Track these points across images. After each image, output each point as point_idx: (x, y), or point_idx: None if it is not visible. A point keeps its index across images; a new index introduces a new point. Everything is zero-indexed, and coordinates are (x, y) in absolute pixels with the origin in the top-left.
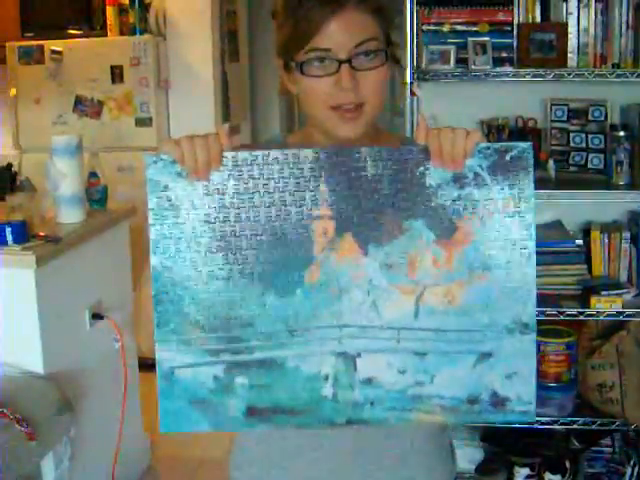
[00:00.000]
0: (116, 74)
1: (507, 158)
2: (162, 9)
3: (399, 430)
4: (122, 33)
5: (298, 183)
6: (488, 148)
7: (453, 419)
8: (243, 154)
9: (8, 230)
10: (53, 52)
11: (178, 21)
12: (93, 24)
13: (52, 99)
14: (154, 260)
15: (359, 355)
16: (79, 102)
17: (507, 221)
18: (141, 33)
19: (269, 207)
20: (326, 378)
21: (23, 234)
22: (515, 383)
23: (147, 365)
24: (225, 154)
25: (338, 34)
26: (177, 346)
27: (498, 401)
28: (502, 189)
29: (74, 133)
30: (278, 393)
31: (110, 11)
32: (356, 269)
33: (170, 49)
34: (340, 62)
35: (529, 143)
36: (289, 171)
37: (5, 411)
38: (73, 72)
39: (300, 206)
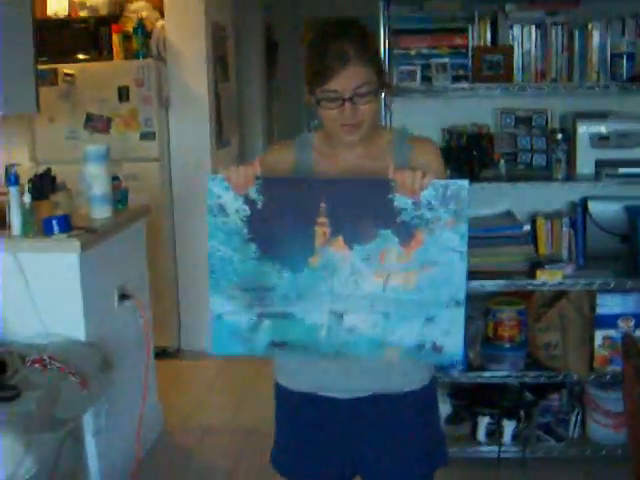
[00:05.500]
0: (123, 94)
1: (449, 192)
2: (162, 36)
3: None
4: (127, 57)
5: (307, 201)
6: (436, 184)
7: (406, 357)
8: (271, 179)
9: (54, 222)
10: (66, 75)
11: (176, 46)
12: (101, 49)
13: (65, 117)
14: (210, 243)
15: (345, 313)
16: (90, 119)
17: (448, 233)
18: (144, 57)
19: (287, 214)
20: (322, 326)
21: (67, 225)
22: (450, 338)
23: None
24: (258, 177)
25: (343, 80)
26: (224, 300)
27: (437, 348)
28: (445, 212)
29: (84, 147)
30: (290, 333)
31: (116, 38)
32: (344, 259)
33: (170, 71)
34: (344, 100)
35: (467, 180)
36: (301, 192)
37: (62, 365)
38: (84, 92)
39: (308, 216)
